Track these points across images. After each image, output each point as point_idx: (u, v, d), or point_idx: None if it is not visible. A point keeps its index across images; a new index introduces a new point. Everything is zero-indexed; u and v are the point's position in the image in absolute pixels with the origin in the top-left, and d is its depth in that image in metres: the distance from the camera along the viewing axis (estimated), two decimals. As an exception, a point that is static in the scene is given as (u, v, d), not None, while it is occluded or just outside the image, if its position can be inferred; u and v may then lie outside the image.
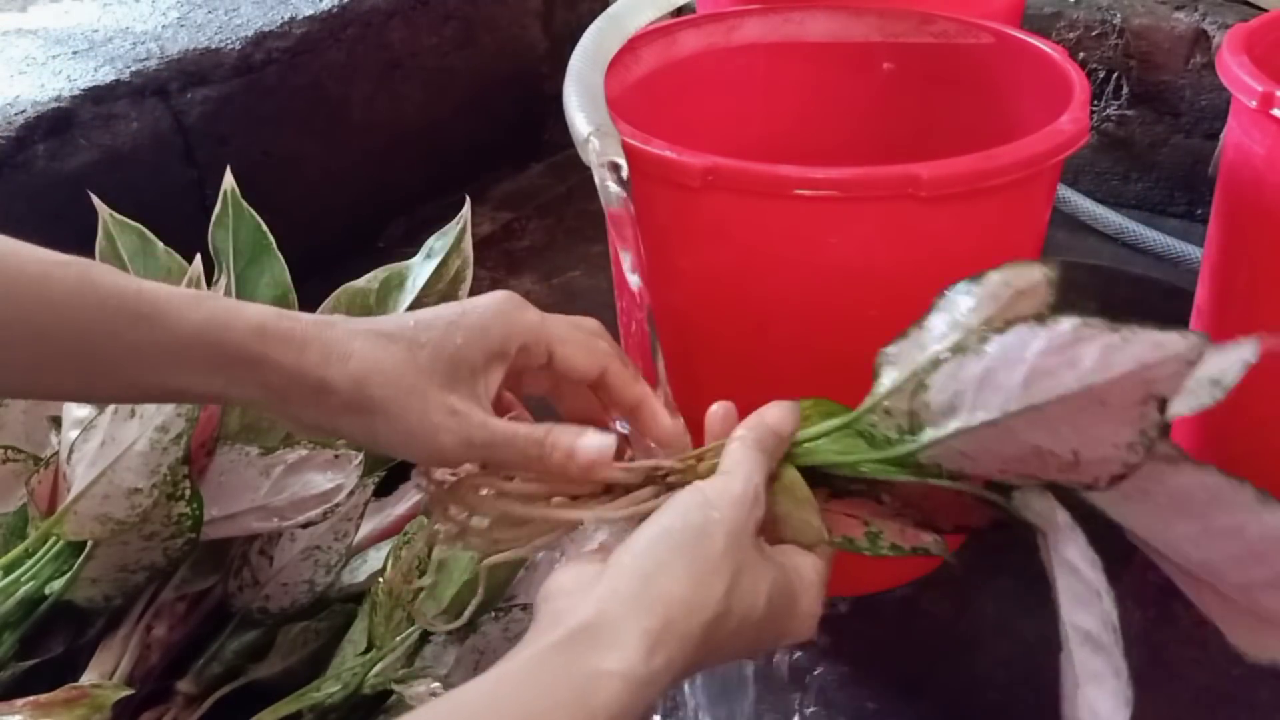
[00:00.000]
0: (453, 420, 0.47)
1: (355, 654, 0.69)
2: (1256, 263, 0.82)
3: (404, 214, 1.38)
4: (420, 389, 0.46)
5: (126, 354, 0.44)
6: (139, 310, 0.44)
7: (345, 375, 0.46)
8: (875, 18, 0.92)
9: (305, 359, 0.46)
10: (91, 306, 0.44)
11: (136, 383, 0.45)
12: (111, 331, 0.44)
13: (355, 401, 0.46)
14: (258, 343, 0.45)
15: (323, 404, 0.46)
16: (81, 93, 1.02)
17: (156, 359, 0.44)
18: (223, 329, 0.45)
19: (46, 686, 0.61)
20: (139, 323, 0.44)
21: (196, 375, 0.45)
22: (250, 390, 0.46)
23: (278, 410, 0.47)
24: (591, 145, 0.67)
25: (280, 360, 0.45)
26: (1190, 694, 0.80)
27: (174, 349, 0.44)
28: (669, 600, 0.41)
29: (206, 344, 0.45)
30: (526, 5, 1.50)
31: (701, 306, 0.76)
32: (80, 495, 0.64)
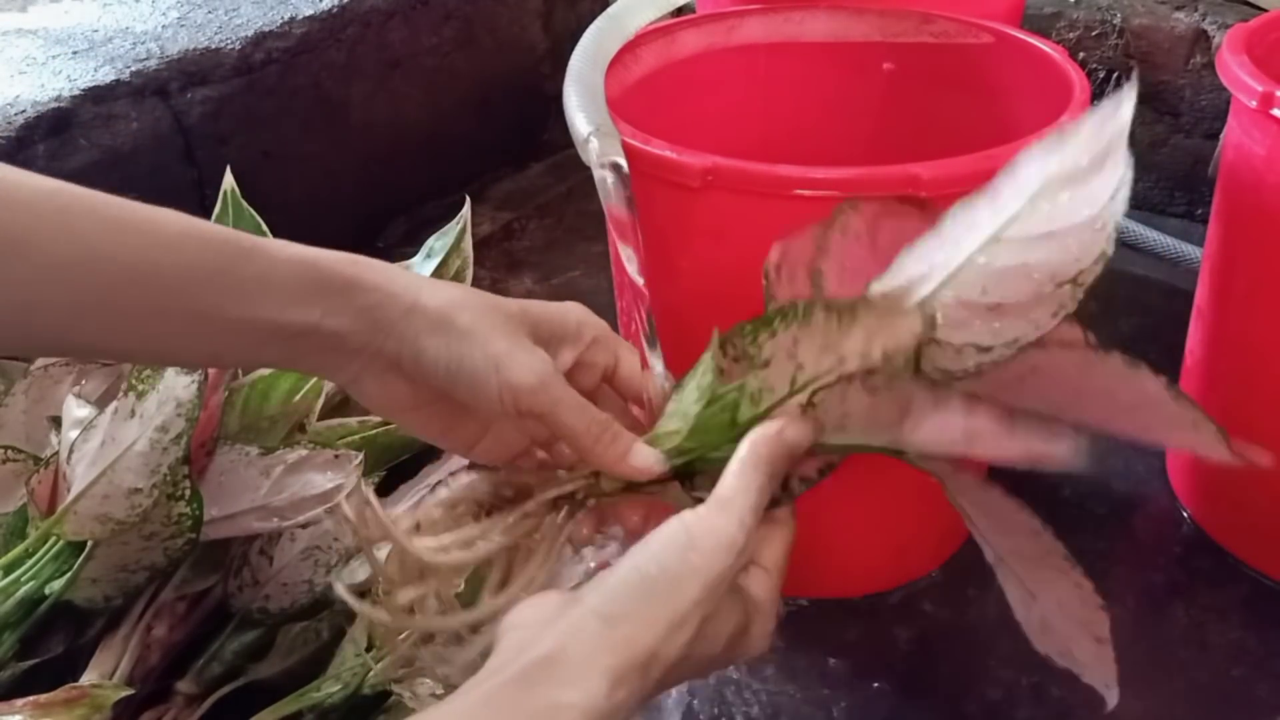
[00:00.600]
0: (538, 360, 0.48)
1: (355, 654, 0.69)
2: (1256, 263, 0.82)
3: (404, 214, 1.38)
4: (507, 329, 0.48)
5: (233, 288, 0.45)
6: (242, 247, 0.46)
7: (437, 299, 0.47)
8: (875, 18, 0.92)
9: (397, 284, 0.47)
10: (202, 245, 0.45)
11: (242, 323, 0.46)
12: (219, 266, 0.45)
13: (445, 322, 0.47)
14: (351, 268, 0.47)
15: (413, 323, 0.47)
16: (81, 93, 1.02)
17: (259, 292, 0.46)
18: (318, 259, 0.47)
19: (46, 686, 0.61)
20: (243, 257, 0.46)
21: (296, 305, 0.46)
22: (345, 317, 0.47)
23: (366, 339, 0.47)
24: (591, 145, 0.67)
25: (374, 282, 0.47)
26: (1190, 694, 0.80)
27: (276, 280, 0.46)
28: (633, 645, 0.40)
29: (305, 272, 0.46)
30: (526, 5, 1.50)
31: (701, 306, 0.76)
32: (80, 495, 0.64)
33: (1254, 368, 0.85)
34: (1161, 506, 0.96)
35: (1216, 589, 0.88)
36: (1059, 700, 0.80)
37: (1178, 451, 0.97)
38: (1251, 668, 0.82)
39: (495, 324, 0.47)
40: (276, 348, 0.47)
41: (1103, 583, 0.89)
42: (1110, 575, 0.91)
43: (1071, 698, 0.80)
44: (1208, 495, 0.93)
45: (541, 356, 0.48)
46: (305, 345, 0.47)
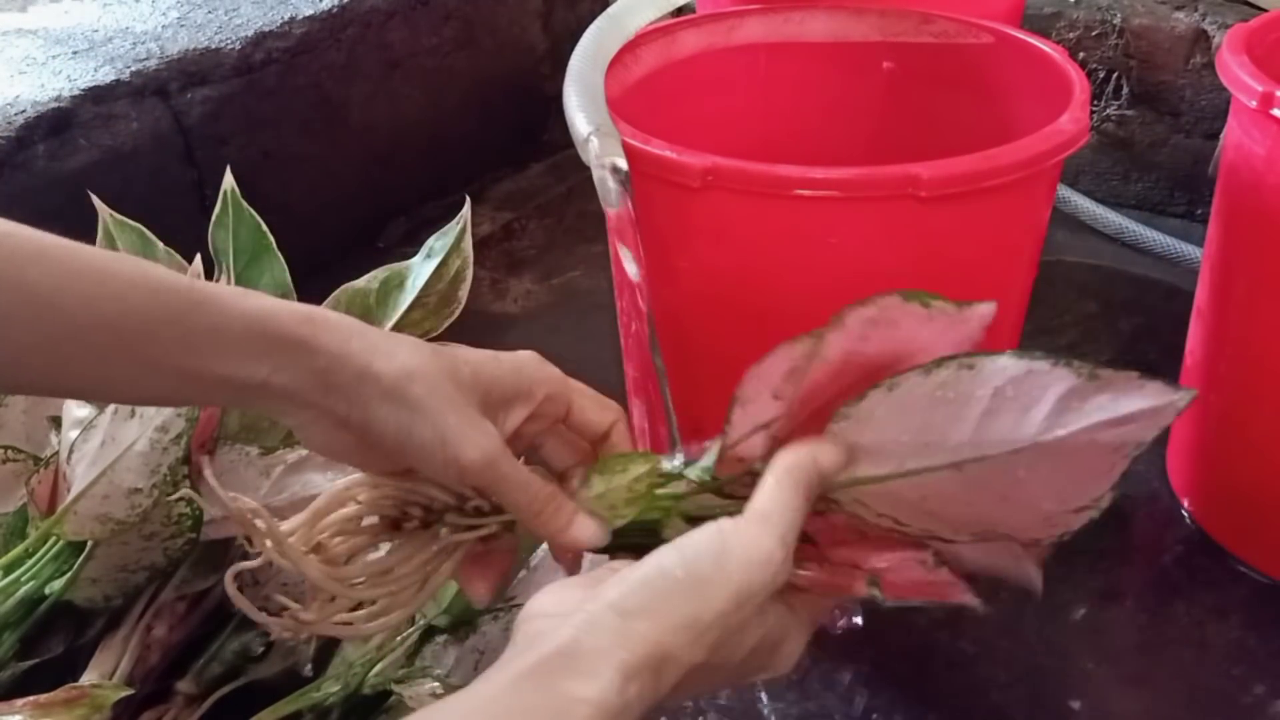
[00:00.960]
0: (485, 438, 0.48)
1: (355, 654, 0.69)
2: (1256, 263, 0.82)
3: (404, 214, 1.38)
4: (458, 401, 0.48)
5: (182, 340, 0.45)
6: (192, 299, 0.45)
7: (390, 367, 0.47)
8: (875, 18, 0.92)
9: (351, 347, 0.47)
10: (150, 295, 0.45)
11: (190, 372, 0.46)
12: (168, 319, 0.45)
13: (397, 392, 0.47)
14: (306, 327, 0.47)
15: (364, 390, 0.47)
16: (81, 93, 1.02)
17: (209, 345, 0.46)
18: (272, 315, 0.46)
19: (46, 686, 0.61)
20: (194, 310, 0.45)
21: (245, 360, 0.46)
22: (295, 375, 0.47)
23: (316, 399, 0.47)
24: (591, 145, 0.67)
25: (327, 344, 0.47)
26: (1190, 694, 0.80)
27: (226, 335, 0.46)
28: (647, 643, 0.39)
29: (256, 329, 0.46)
30: (526, 5, 1.50)
31: (701, 306, 0.76)
32: (80, 495, 0.64)
33: (1254, 368, 0.85)
34: (1161, 506, 0.96)
35: (1216, 589, 0.88)
36: (1059, 700, 0.80)
37: (1177, 451, 0.97)
38: (1251, 668, 0.82)
39: (446, 396, 0.47)
40: (225, 396, 0.48)
41: (1103, 583, 0.90)
42: (1110, 575, 0.91)
43: (1070, 698, 0.80)
44: (1208, 495, 0.93)
45: (488, 432, 0.48)
46: (253, 396, 0.47)
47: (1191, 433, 0.94)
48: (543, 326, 1.22)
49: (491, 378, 0.49)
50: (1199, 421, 0.93)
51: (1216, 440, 0.91)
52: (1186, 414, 0.95)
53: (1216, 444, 0.91)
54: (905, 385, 0.43)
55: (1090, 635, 0.84)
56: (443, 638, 0.70)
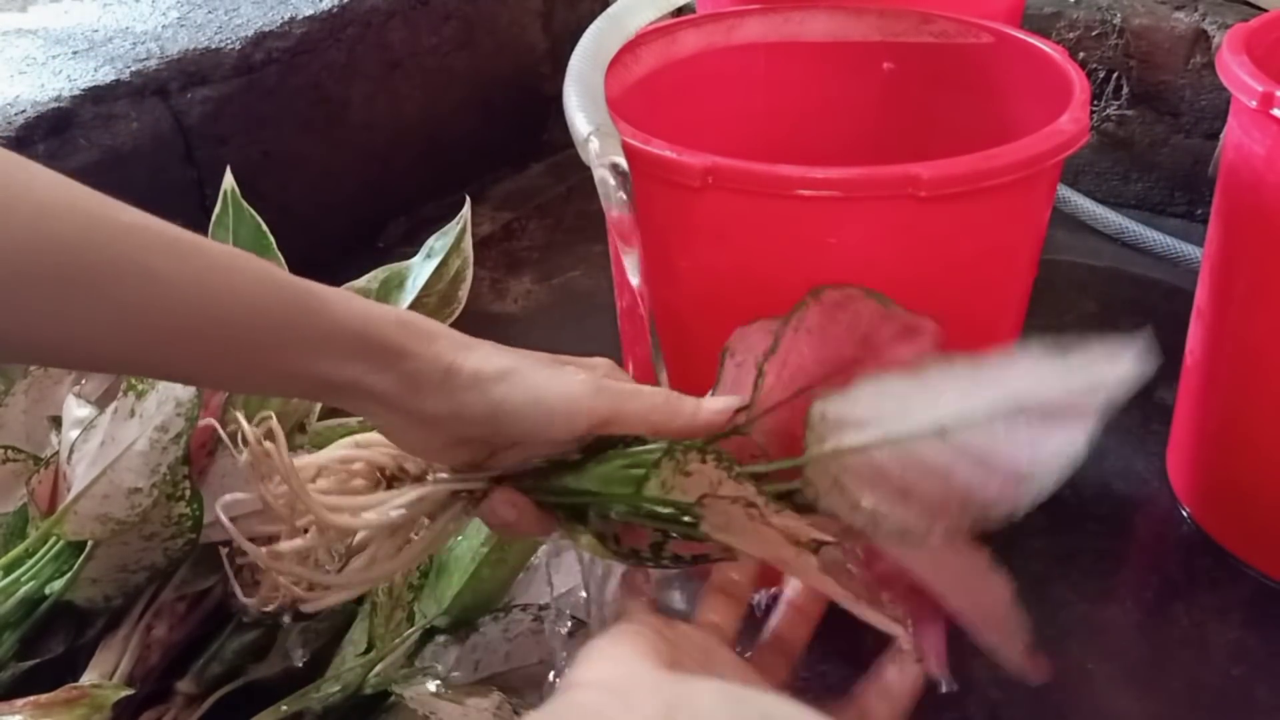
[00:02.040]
0: (582, 374, 0.50)
1: (355, 654, 0.69)
2: (1256, 263, 0.82)
3: (404, 214, 1.38)
4: (545, 361, 0.50)
5: (291, 341, 0.47)
6: (307, 303, 0.47)
7: (471, 358, 0.49)
8: (875, 18, 0.92)
9: (435, 349, 0.49)
10: (269, 296, 0.47)
11: (290, 371, 0.48)
12: (284, 320, 0.47)
13: (481, 376, 0.49)
14: (400, 333, 0.49)
15: (448, 385, 0.49)
16: (81, 93, 1.02)
17: (314, 347, 0.47)
18: (373, 320, 0.48)
19: (46, 686, 0.61)
20: (307, 314, 0.47)
21: (347, 363, 0.48)
22: (385, 378, 0.49)
23: (404, 400, 0.49)
24: (591, 145, 0.67)
25: (417, 349, 0.49)
26: (1190, 694, 0.80)
27: (331, 338, 0.48)
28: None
29: (356, 333, 0.48)
30: (526, 5, 1.50)
31: (701, 306, 0.76)
32: (80, 495, 0.64)
33: (1254, 368, 0.85)
34: (1161, 506, 0.96)
35: (1216, 589, 0.88)
36: (1059, 700, 0.80)
37: (1177, 451, 0.97)
38: (1251, 668, 0.82)
39: (528, 361, 0.50)
40: (320, 393, 0.50)
41: (1103, 583, 0.90)
42: (1110, 575, 0.91)
43: (1070, 698, 0.80)
44: (1208, 495, 0.93)
45: (573, 376, 0.50)
46: (346, 396, 0.49)
47: (1191, 433, 0.94)
48: (543, 326, 1.22)
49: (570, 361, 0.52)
50: (1199, 421, 0.93)
51: (1216, 440, 0.91)
52: (1186, 414, 0.95)
53: (1216, 444, 0.91)
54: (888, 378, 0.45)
55: (1090, 635, 0.84)
56: (443, 638, 0.70)
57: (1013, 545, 0.92)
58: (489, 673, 0.68)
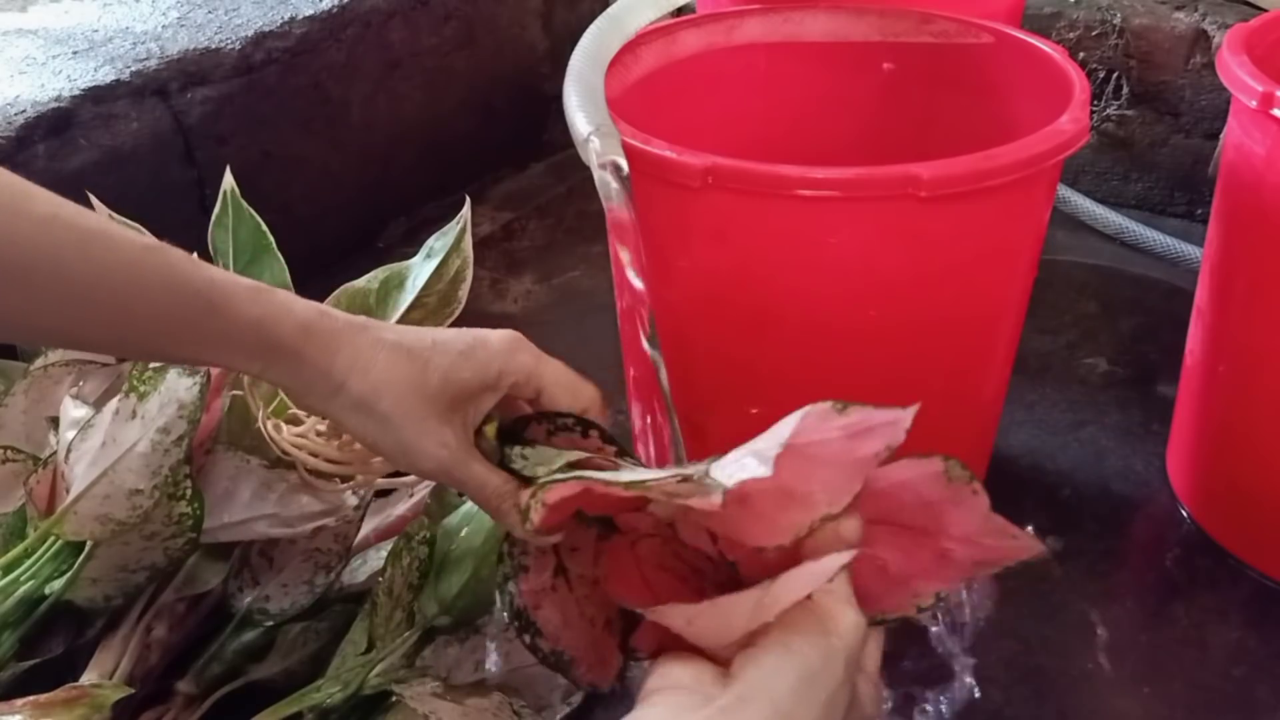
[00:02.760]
0: (442, 451, 0.54)
1: (355, 654, 0.69)
2: (1256, 263, 0.82)
3: (404, 214, 1.38)
4: (421, 415, 0.54)
5: (193, 336, 0.51)
6: (211, 301, 0.51)
7: (363, 383, 0.53)
8: (875, 18, 0.92)
9: (335, 362, 0.53)
10: (171, 297, 0.50)
11: (192, 357, 0.54)
12: (185, 318, 0.51)
13: (365, 406, 0.53)
14: (301, 340, 0.52)
15: (337, 401, 0.54)
16: (81, 93, 1.02)
17: (216, 343, 0.52)
18: (275, 324, 0.52)
19: (46, 686, 0.61)
20: (209, 312, 0.51)
21: (244, 358, 0.52)
22: (283, 376, 0.53)
23: (298, 395, 0.55)
24: (591, 145, 0.67)
25: (315, 359, 0.53)
26: (1190, 694, 0.80)
27: (233, 336, 0.51)
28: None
29: (259, 335, 0.52)
30: (526, 5, 1.50)
31: (701, 306, 0.76)
32: (80, 495, 0.64)
33: (1254, 368, 0.85)
34: (1161, 506, 0.96)
35: (1216, 589, 0.88)
36: (1059, 700, 0.80)
37: (1177, 451, 0.97)
38: (1251, 668, 0.82)
39: (407, 410, 0.53)
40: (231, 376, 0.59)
41: (1103, 583, 0.90)
42: (1110, 575, 0.91)
43: (1070, 698, 0.80)
44: (1208, 495, 0.93)
45: (444, 443, 0.54)
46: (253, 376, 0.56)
47: (1191, 433, 0.94)
48: (543, 326, 1.21)
49: (460, 380, 0.54)
50: (1199, 421, 0.93)
51: (1216, 440, 0.91)
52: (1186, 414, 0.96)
53: (1216, 444, 0.91)
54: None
55: (1090, 635, 0.84)
56: (443, 638, 0.70)
57: (1013, 545, 0.92)
58: (489, 673, 0.68)
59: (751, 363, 0.78)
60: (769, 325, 0.75)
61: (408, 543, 0.71)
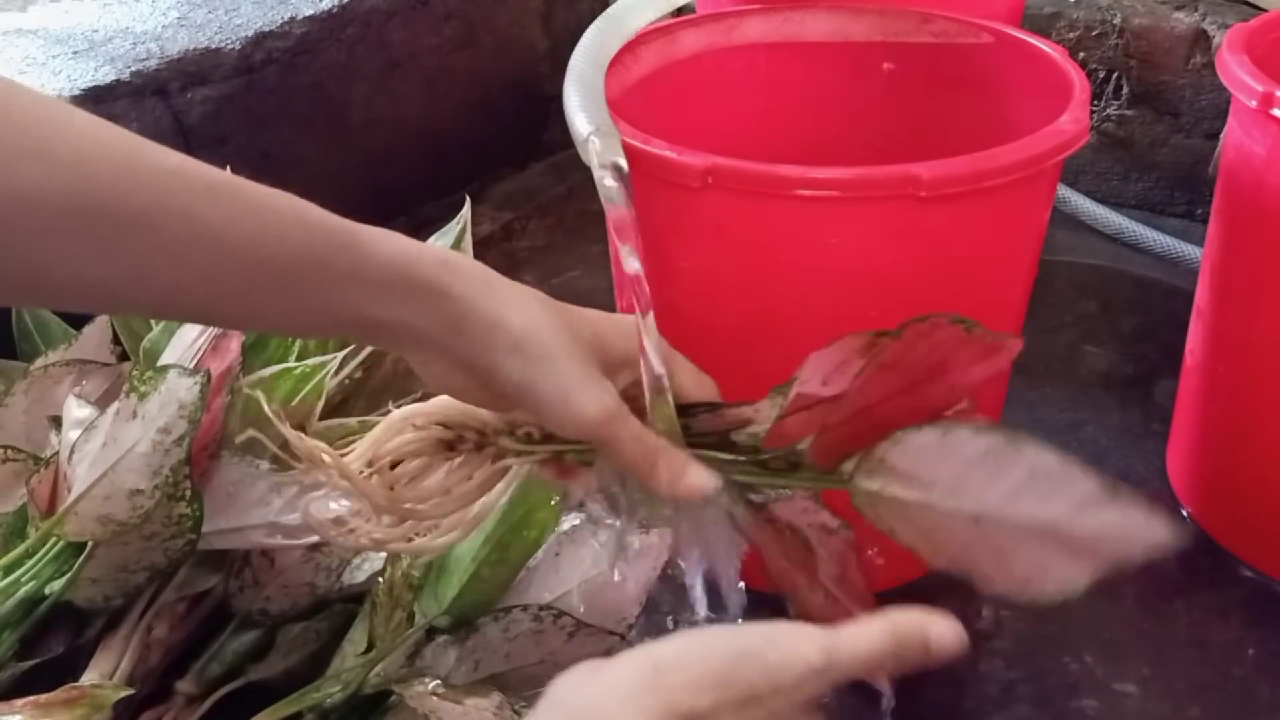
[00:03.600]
0: (606, 395, 0.50)
1: (355, 654, 0.69)
2: (1256, 263, 0.82)
3: (404, 214, 1.38)
4: (582, 358, 0.51)
5: (331, 280, 0.48)
6: (344, 240, 0.48)
7: (522, 321, 0.50)
8: (875, 18, 0.92)
9: (484, 297, 0.49)
10: (306, 234, 0.48)
11: (332, 310, 0.48)
12: (321, 259, 0.48)
13: (526, 345, 0.49)
14: (445, 273, 0.49)
15: (493, 340, 0.49)
16: (81, 93, 1.02)
17: (355, 286, 0.48)
18: (414, 260, 0.49)
19: (46, 686, 0.61)
20: (344, 251, 0.48)
21: (387, 303, 0.48)
22: (430, 320, 0.49)
23: (447, 342, 0.50)
24: (592, 145, 0.67)
25: (463, 292, 0.49)
26: (1190, 694, 0.80)
27: (372, 277, 0.48)
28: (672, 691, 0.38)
29: (398, 272, 0.48)
30: (526, 5, 1.50)
31: (701, 306, 0.76)
32: (81, 496, 0.64)
33: (1254, 368, 0.85)
34: (1162, 506, 0.96)
35: (1216, 589, 0.88)
36: (1059, 700, 0.80)
37: (1177, 451, 0.97)
38: (1251, 668, 0.82)
39: (570, 352, 0.50)
40: (360, 332, 0.51)
41: (1103, 582, 0.89)
42: (1110, 575, 0.91)
43: (1071, 698, 0.80)
44: (1208, 495, 0.93)
45: (608, 389, 0.51)
46: (387, 335, 0.50)
47: (1191, 433, 0.94)
48: (543, 326, 1.21)
49: (610, 339, 0.52)
50: (1199, 421, 0.93)
51: (1216, 440, 0.91)
52: (1186, 414, 0.96)
53: (1216, 444, 0.91)
54: (956, 435, 0.47)
55: (1090, 635, 0.84)
56: (443, 638, 0.70)
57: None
58: (489, 673, 0.68)
59: (751, 363, 0.77)
60: (769, 325, 0.75)
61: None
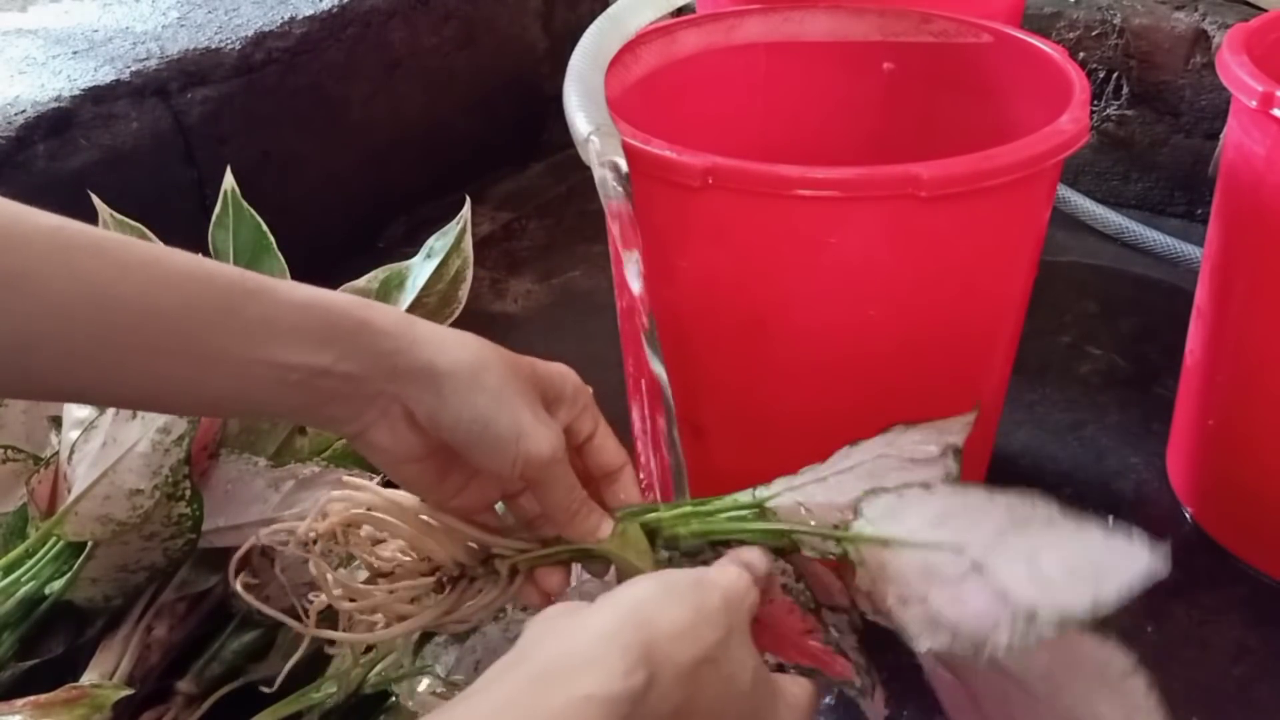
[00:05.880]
0: (554, 434, 0.48)
1: (355, 654, 0.69)
2: (1256, 263, 0.82)
3: (404, 214, 1.38)
4: (527, 396, 0.48)
5: (238, 330, 0.44)
6: (247, 287, 0.45)
7: (464, 356, 0.46)
8: (875, 17, 0.92)
9: (416, 332, 0.46)
10: (204, 283, 0.44)
11: (246, 363, 0.44)
12: (224, 307, 0.44)
13: (474, 382, 0.46)
14: (364, 310, 0.46)
15: (436, 378, 0.46)
16: (81, 93, 1.02)
17: (267, 335, 0.44)
18: (327, 301, 0.46)
19: (46, 686, 0.61)
20: (249, 299, 0.44)
21: (304, 346, 0.45)
22: (360, 361, 0.45)
23: (383, 385, 0.46)
24: (592, 145, 0.67)
25: (389, 327, 0.46)
26: (1190, 694, 0.80)
27: (284, 323, 0.45)
28: (653, 624, 0.40)
29: (314, 315, 0.45)
30: (526, 5, 1.50)
31: (701, 306, 0.76)
32: (81, 496, 0.64)
33: (1254, 368, 0.85)
34: (1161, 506, 0.96)
35: (1216, 589, 0.88)
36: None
37: (1177, 451, 0.97)
38: (1251, 668, 0.82)
39: (517, 389, 0.47)
40: (286, 393, 0.46)
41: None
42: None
43: (1071, 698, 0.80)
44: (1208, 495, 0.93)
45: (555, 430, 0.49)
46: (317, 391, 0.46)
47: (1191, 433, 0.94)
48: (543, 326, 1.21)
49: (545, 376, 0.50)
50: (1199, 421, 0.93)
51: (1216, 440, 0.91)
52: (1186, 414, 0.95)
53: (1216, 444, 0.91)
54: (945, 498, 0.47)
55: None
56: (443, 638, 0.70)
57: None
58: (489, 673, 0.68)
59: (751, 363, 0.78)
60: (769, 325, 0.75)
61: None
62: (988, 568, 0.43)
